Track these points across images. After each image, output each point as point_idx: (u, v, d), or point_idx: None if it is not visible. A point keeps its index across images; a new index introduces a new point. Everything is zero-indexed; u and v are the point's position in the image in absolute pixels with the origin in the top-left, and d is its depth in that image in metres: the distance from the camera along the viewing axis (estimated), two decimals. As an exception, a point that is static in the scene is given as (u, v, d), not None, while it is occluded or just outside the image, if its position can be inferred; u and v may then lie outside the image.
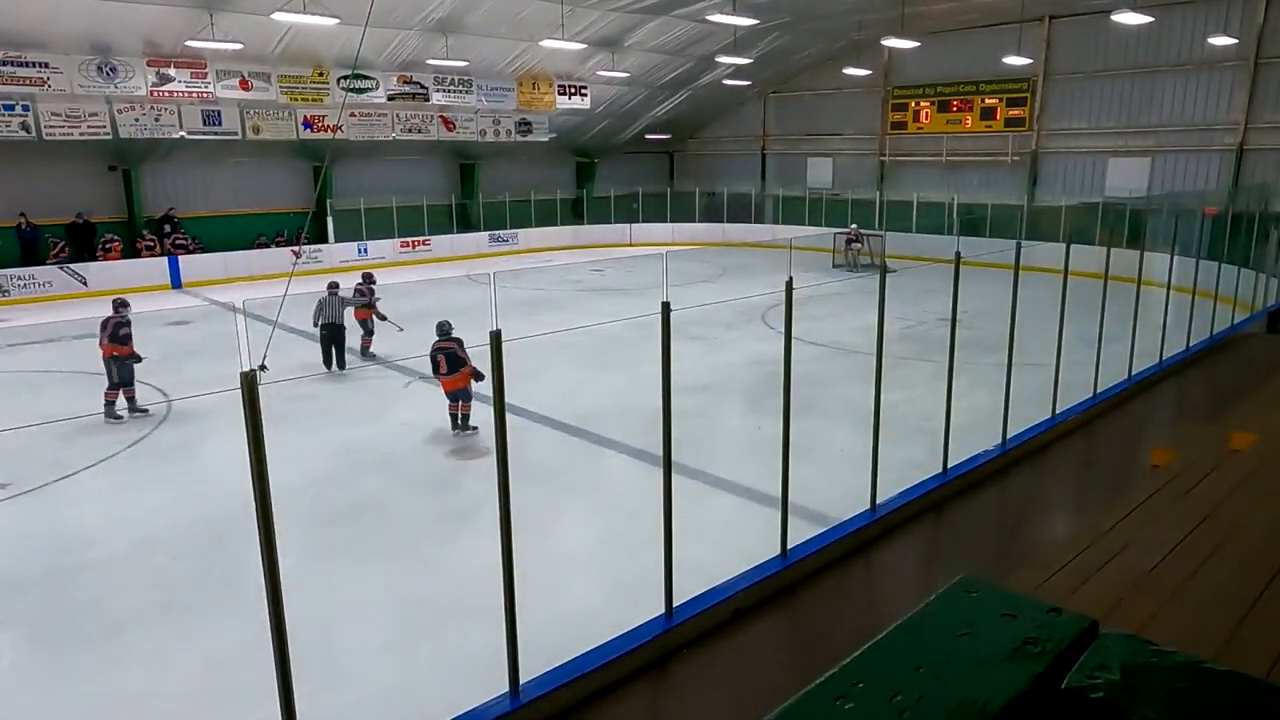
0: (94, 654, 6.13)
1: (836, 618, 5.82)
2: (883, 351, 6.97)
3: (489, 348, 4.37)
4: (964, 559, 6.69)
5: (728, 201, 32.10)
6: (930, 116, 27.76)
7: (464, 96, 26.13)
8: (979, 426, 8.36)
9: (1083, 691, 0.90)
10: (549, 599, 6.33)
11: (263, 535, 3.61)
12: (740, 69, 27.23)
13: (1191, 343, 12.03)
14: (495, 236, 29.17)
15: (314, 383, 13.07)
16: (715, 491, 8.67)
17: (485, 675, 4.69)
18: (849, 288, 18.83)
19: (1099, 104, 24.36)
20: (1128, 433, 9.59)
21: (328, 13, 16.70)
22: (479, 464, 9.46)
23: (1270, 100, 21.42)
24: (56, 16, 17.76)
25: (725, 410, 11.62)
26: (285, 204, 25.86)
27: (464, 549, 7.37)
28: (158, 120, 21.55)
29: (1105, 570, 3.60)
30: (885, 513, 6.86)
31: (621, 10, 22.30)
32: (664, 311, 5.19)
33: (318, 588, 6.62)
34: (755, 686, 4.97)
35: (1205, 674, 0.91)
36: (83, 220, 22.35)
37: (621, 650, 5.00)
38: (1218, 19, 21.43)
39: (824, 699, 0.87)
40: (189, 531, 7.90)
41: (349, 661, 5.88)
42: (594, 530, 8.17)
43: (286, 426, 9.48)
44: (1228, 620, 2.99)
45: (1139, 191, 23.02)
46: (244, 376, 3.46)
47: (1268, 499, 4.33)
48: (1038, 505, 8.01)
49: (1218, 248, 15.45)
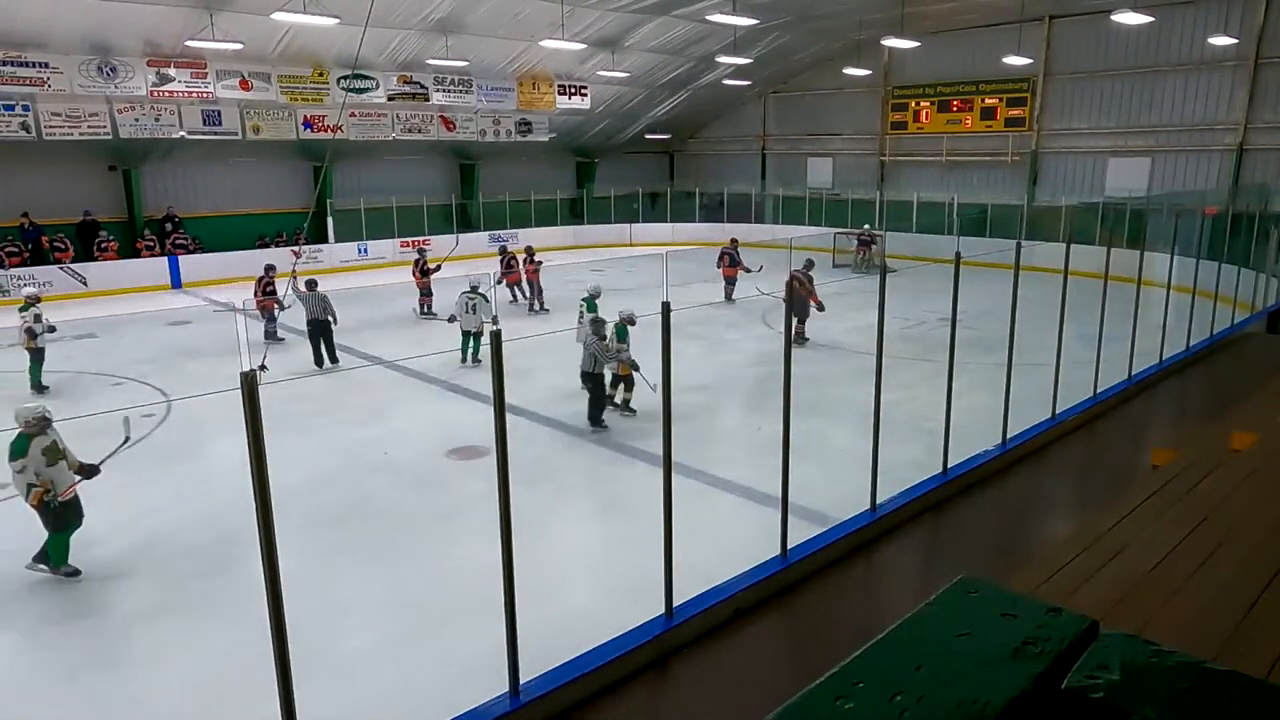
0: (94, 654, 6.14)
1: (836, 618, 5.82)
2: (883, 351, 6.97)
3: (490, 348, 4.37)
4: (964, 559, 6.69)
5: (728, 201, 32.09)
6: (930, 116, 27.76)
7: (464, 96, 26.13)
8: (979, 426, 8.36)
9: (1083, 691, 0.90)
10: (549, 599, 6.33)
11: (263, 535, 3.61)
12: (740, 69, 27.22)
13: (1191, 343, 12.02)
14: (495, 236, 29.17)
15: (313, 382, 13.08)
16: (715, 491, 8.67)
17: (485, 675, 4.69)
18: (849, 288, 18.82)
19: (1099, 104, 24.35)
20: (1128, 433, 9.58)
21: (328, 13, 16.70)
22: (478, 464, 9.45)
23: (1270, 100, 21.42)
24: (56, 16, 17.76)
25: (725, 410, 11.62)
26: (285, 204, 25.85)
27: (464, 549, 7.36)
28: (158, 120, 21.55)
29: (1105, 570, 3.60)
30: (885, 513, 6.85)
31: (621, 10, 22.30)
32: (664, 311, 5.19)
33: (318, 588, 6.62)
34: (755, 686, 4.96)
35: (1205, 674, 0.91)
36: (91, 219, 22.43)
37: (621, 650, 4.99)
38: (1218, 19, 21.43)
39: (824, 699, 0.87)
40: (189, 532, 7.90)
41: (349, 661, 5.88)
42: (594, 530, 8.17)
43: (286, 427, 9.47)
44: (1228, 620, 2.99)
45: (1139, 191, 23.01)
46: (244, 376, 3.45)
47: (1268, 499, 4.33)
48: (1038, 505, 8.00)
49: (1218, 248, 15.44)
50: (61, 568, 7.13)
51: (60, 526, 7.09)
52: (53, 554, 7.12)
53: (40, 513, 7.03)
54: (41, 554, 7.14)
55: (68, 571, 7.14)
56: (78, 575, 7.15)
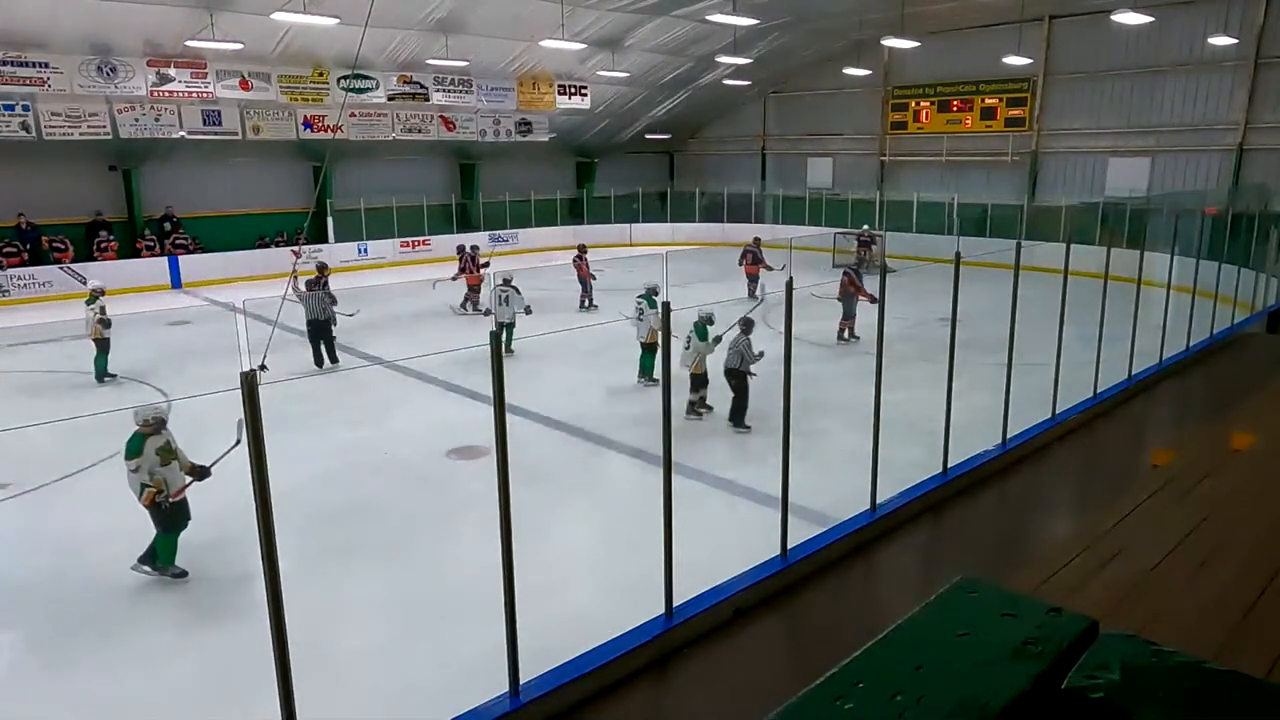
0: (94, 654, 6.13)
1: (836, 618, 5.82)
2: (883, 351, 6.97)
3: (489, 348, 4.37)
4: (964, 559, 6.69)
5: (728, 201, 32.09)
6: (930, 116, 27.75)
7: (464, 96, 26.12)
8: (979, 426, 8.36)
9: (1083, 691, 0.90)
10: (549, 599, 6.33)
11: (263, 535, 3.61)
12: (740, 69, 27.21)
13: (1191, 343, 12.02)
14: (495, 236, 29.16)
15: (313, 383, 13.07)
16: (715, 491, 8.67)
17: (485, 675, 4.69)
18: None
19: (1099, 104, 24.35)
20: (1128, 433, 9.58)
21: (328, 13, 16.70)
22: (478, 464, 9.45)
23: (1270, 100, 21.42)
24: (56, 16, 17.75)
25: (725, 410, 11.61)
26: (285, 204, 25.84)
27: (464, 549, 7.36)
28: (158, 120, 21.54)
29: (1105, 570, 3.59)
30: (885, 513, 6.85)
31: (621, 10, 22.29)
32: (664, 311, 5.19)
33: (318, 588, 6.62)
34: (755, 686, 4.96)
35: (1205, 674, 0.91)
36: (102, 219, 22.53)
37: (621, 650, 5.00)
38: (1218, 19, 21.41)
39: (824, 699, 0.87)
40: (189, 532, 7.88)
41: (349, 662, 5.88)
42: (594, 530, 8.17)
43: (286, 427, 9.46)
44: (1228, 620, 2.98)
45: (1139, 191, 23.00)
46: (244, 376, 3.46)
47: (1268, 499, 4.33)
48: (1038, 505, 8.00)
49: (1218, 248, 15.44)
50: (169, 568, 7.05)
51: (171, 527, 7.04)
52: (161, 554, 7.04)
53: (152, 513, 6.97)
54: (148, 555, 7.05)
55: (175, 572, 7.06)
56: (185, 576, 7.05)
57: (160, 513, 6.99)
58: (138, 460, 6.88)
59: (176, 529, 7.09)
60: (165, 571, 7.07)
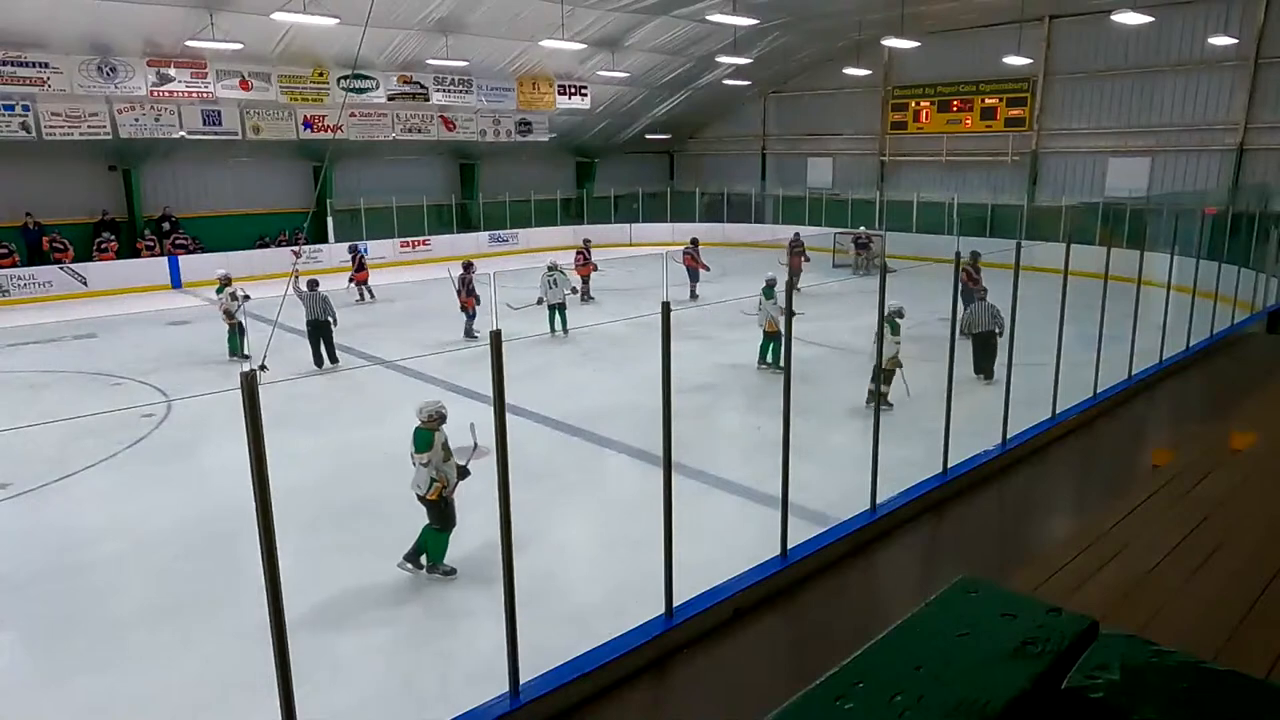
0: (94, 654, 6.13)
1: (836, 618, 5.82)
2: (883, 351, 6.97)
3: (489, 347, 4.37)
4: (964, 559, 6.69)
5: (728, 201, 32.08)
6: (930, 116, 27.75)
7: (464, 96, 26.12)
8: (979, 426, 8.36)
9: (1083, 691, 0.90)
10: (549, 599, 6.34)
11: (263, 535, 3.61)
12: (740, 69, 27.21)
13: (1191, 343, 12.03)
14: (495, 236, 29.16)
15: (313, 383, 13.07)
16: (715, 491, 8.67)
17: (485, 675, 4.69)
18: (849, 288, 18.83)
19: (1099, 104, 24.34)
20: (1128, 433, 9.59)
21: (328, 13, 16.69)
22: (478, 464, 9.44)
23: (1270, 100, 21.41)
24: (56, 16, 17.75)
25: (725, 410, 11.62)
26: (285, 204, 25.84)
27: (464, 549, 7.36)
28: (158, 120, 21.54)
29: (1105, 570, 3.59)
30: (885, 513, 6.85)
31: (621, 10, 22.29)
32: (664, 311, 5.19)
33: (318, 588, 6.62)
34: (755, 686, 4.96)
35: (1205, 674, 0.91)
36: (109, 218, 22.55)
37: (621, 650, 5.00)
38: (1218, 19, 21.42)
39: (824, 699, 0.87)
40: (189, 531, 7.90)
41: (349, 661, 5.88)
42: (594, 530, 8.17)
43: (286, 427, 9.47)
44: (1228, 620, 2.98)
45: (1139, 191, 23.00)
46: (244, 376, 3.45)
47: (1268, 499, 4.33)
48: (1038, 505, 8.00)
49: (1218, 248, 15.44)
50: (440, 566, 6.99)
51: (448, 524, 6.99)
52: (433, 552, 6.96)
53: (431, 509, 6.89)
54: (413, 552, 6.97)
55: (446, 570, 6.97)
56: (454, 574, 6.96)
57: (441, 509, 6.93)
58: (429, 454, 6.83)
59: (451, 526, 7.02)
60: (437, 569, 6.99)
